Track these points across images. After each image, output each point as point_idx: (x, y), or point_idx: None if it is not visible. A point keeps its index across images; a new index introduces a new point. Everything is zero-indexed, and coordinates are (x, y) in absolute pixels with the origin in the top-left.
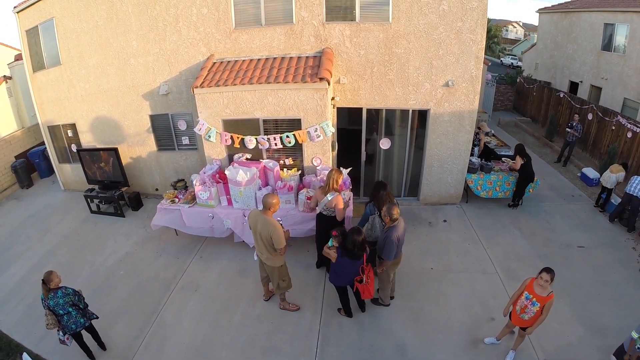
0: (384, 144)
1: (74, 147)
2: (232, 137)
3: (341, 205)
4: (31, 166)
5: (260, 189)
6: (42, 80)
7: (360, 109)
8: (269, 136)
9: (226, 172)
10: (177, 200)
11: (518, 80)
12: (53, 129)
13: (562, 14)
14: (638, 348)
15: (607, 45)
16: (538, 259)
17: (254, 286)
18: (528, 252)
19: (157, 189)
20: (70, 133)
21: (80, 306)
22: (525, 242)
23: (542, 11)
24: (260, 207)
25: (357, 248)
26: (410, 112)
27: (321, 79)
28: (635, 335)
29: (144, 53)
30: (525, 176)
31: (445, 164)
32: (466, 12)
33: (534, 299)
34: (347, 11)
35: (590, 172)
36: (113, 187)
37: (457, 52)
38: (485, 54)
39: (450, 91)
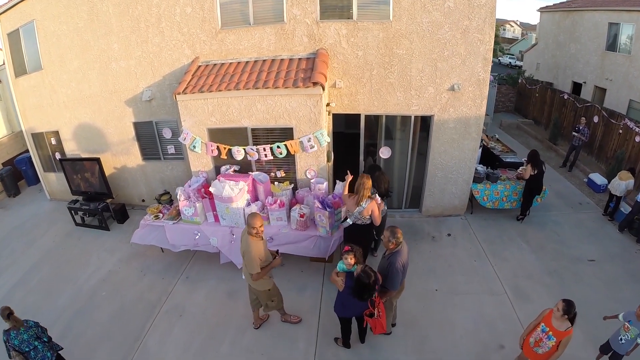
0: (384, 152)
1: (57, 156)
2: (218, 148)
3: (377, 210)
4: (18, 174)
5: (249, 204)
6: (24, 86)
7: (358, 116)
8: (258, 147)
9: (211, 189)
10: (161, 215)
11: (520, 80)
12: (37, 137)
13: (565, 13)
14: (621, 340)
15: (612, 45)
16: (548, 276)
17: (244, 311)
18: (537, 268)
19: (143, 200)
20: (53, 141)
21: (44, 339)
22: (534, 256)
23: (543, 10)
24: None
25: (365, 293)
26: (413, 118)
27: (315, 83)
28: (621, 318)
29: (126, 56)
30: (532, 188)
31: (449, 174)
32: (473, 9)
33: (550, 333)
34: (344, 8)
35: (598, 178)
36: (97, 199)
37: (464, 53)
38: None
39: (455, 95)
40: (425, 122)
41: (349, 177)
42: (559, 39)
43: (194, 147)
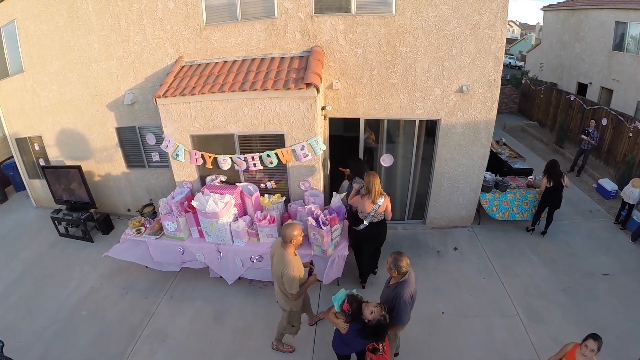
0: (386, 160)
1: (41, 162)
2: (203, 156)
3: (390, 206)
4: (6, 179)
5: (236, 219)
6: (6, 89)
7: (358, 120)
8: (246, 155)
9: (193, 202)
10: (143, 229)
11: (523, 81)
12: (21, 142)
13: (569, 11)
14: None
15: (619, 44)
16: (562, 293)
17: (232, 337)
18: (550, 284)
19: (129, 210)
20: (37, 146)
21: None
22: (545, 271)
23: (547, 9)
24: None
25: (384, 333)
26: (417, 123)
27: (308, 84)
28: None
29: (107, 57)
30: (547, 201)
31: (456, 183)
32: (484, 3)
33: None
34: (341, 1)
35: (608, 184)
36: (81, 208)
37: (474, 52)
38: None
39: (464, 98)
40: (430, 127)
41: (356, 187)
42: (564, 38)
43: (177, 155)
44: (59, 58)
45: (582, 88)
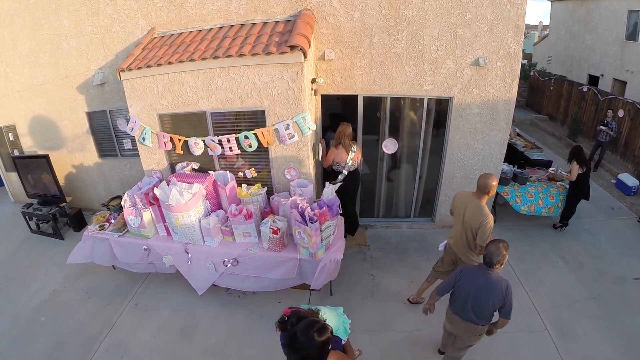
0: (388, 146)
1: (16, 153)
2: (172, 140)
3: (360, 152)
4: None
5: (208, 214)
6: None
7: (355, 97)
8: (220, 137)
9: (156, 191)
10: (107, 225)
11: (531, 74)
12: None
13: (579, 1)
14: None
15: (632, 34)
16: (593, 303)
17: (200, 358)
18: (579, 292)
19: (103, 204)
20: (11, 136)
21: None
22: (573, 277)
23: None
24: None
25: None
26: (426, 101)
27: (292, 47)
28: None
29: (77, 33)
30: (578, 192)
31: (470, 174)
32: None
33: None
34: None
35: (628, 179)
36: (52, 202)
37: (491, 18)
38: None
39: (480, 72)
40: (441, 107)
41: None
42: (573, 29)
43: (144, 139)
44: (30, 38)
45: (593, 80)
